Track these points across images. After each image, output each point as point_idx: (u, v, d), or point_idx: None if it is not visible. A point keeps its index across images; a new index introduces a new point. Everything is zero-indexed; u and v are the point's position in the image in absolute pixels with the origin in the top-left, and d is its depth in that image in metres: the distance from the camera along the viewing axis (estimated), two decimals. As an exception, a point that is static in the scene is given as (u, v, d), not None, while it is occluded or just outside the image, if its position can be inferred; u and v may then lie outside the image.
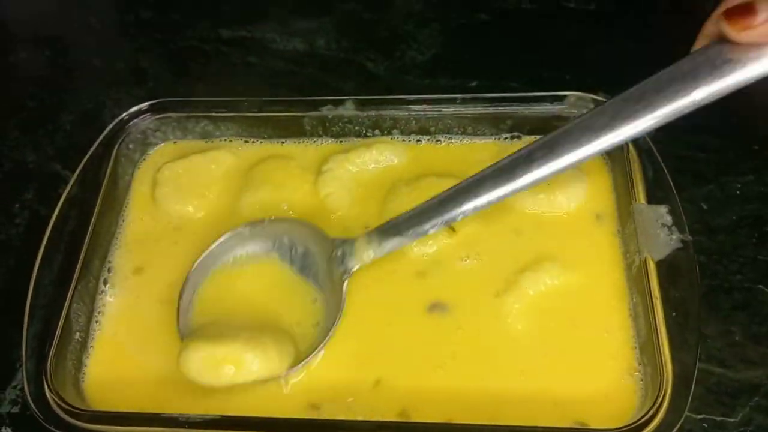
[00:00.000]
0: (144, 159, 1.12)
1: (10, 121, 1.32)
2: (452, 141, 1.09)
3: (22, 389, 0.98)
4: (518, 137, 1.08)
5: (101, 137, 1.07)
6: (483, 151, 1.07)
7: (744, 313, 0.98)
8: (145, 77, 1.36)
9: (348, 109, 1.07)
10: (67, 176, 1.22)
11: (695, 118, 1.17)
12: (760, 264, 1.02)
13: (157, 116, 1.10)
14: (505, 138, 1.09)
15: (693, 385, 0.79)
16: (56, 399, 0.84)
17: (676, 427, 0.77)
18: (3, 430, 0.95)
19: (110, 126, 1.08)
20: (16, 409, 0.97)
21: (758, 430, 0.89)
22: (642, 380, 0.85)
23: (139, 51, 1.41)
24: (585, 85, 1.19)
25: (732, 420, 0.90)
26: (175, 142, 1.13)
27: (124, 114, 1.09)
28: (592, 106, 1.03)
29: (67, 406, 0.83)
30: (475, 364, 0.89)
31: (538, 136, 1.03)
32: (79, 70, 1.41)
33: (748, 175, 1.12)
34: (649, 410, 0.78)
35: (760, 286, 1.00)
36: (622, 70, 1.26)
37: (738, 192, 1.10)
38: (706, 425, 0.89)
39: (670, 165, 1.00)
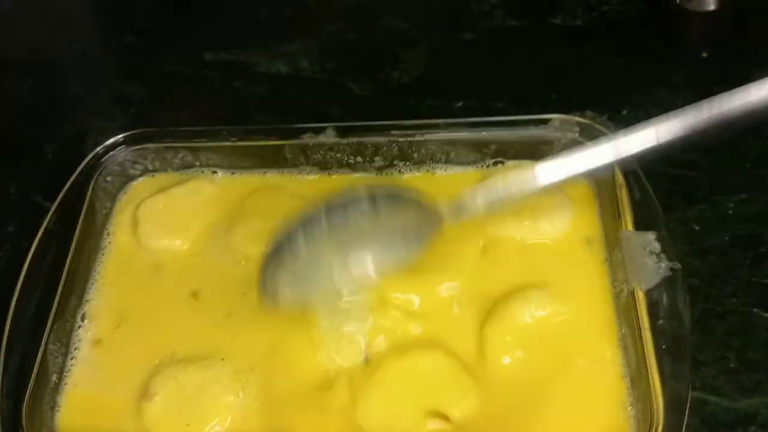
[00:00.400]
0: (124, 192, 1.11)
1: (-10, 151, 1.31)
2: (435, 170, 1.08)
3: (-2, 430, 0.96)
4: (501, 162, 1.06)
5: (78, 170, 1.06)
6: (465, 179, 1.05)
7: (738, 338, 0.96)
8: (129, 104, 1.35)
9: (329, 137, 1.05)
10: (48, 208, 1.19)
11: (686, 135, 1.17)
12: (755, 286, 1.00)
13: (134, 147, 1.08)
14: (488, 165, 1.07)
15: (685, 421, 0.77)
16: (32, 445, 0.82)
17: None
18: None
19: (87, 159, 1.07)
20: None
21: (754, 461, 0.86)
22: (634, 417, 0.83)
23: (121, 77, 1.40)
24: (571, 104, 1.18)
25: (728, 451, 0.87)
26: (153, 175, 1.11)
27: (99, 147, 1.08)
28: (577, 129, 1.00)
29: (42, 454, 0.81)
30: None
31: (522, 161, 1.03)
32: (63, 98, 1.39)
33: (741, 194, 1.10)
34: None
35: (755, 310, 0.98)
36: (609, 88, 1.25)
37: (731, 212, 1.08)
38: (702, 457, 0.87)
39: (660, 185, 0.99)
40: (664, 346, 0.82)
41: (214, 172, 1.11)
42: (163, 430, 0.86)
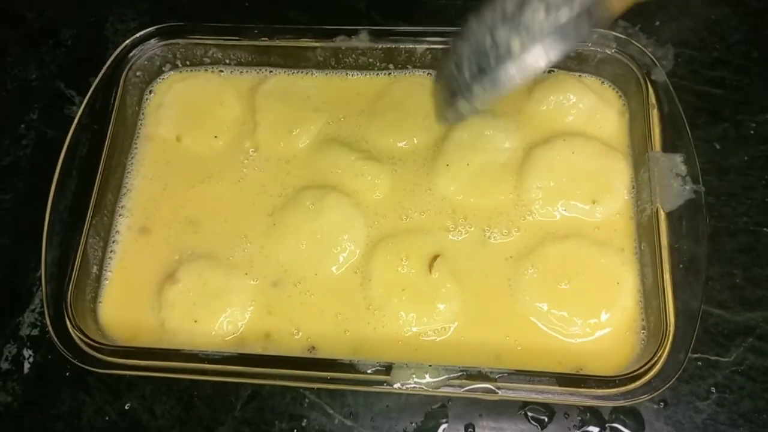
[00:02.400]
0: (152, 86, 1.10)
1: (8, 34, 1.28)
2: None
3: (40, 312, 1.01)
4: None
5: (107, 64, 1.05)
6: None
7: (747, 255, 1.00)
8: (149, -12, 1.30)
9: (362, 41, 1.04)
10: (71, 95, 1.20)
11: (715, 50, 1.17)
12: (767, 206, 1.03)
13: (163, 42, 1.06)
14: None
15: (695, 335, 0.82)
16: (78, 334, 0.87)
17: (679, 372, 0.81)
18: (24, 351, 0.99)
19: (116, 52, 1.06)
20: (35, 332, 1.01)
21: (750, 369, 0.93)
22: (644, 329, 0.88)
23: (140, -40, 1.33)
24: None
25: (725, 360, 0.94)
26: (181, 71, 1.11)
27: (127, 41, 1.06)
28: (614, 45, 1.00)
29: (89, 341, 0.86)
30: (479, 307, 0.92)
31: (556, 71, 1.02)
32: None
33: (765, 114, 1.10)
34: (652, 358, 0.82)
35: (765, 229, 1.02)
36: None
37: (752, 132, 1.09)
38: (700, 363, 0.93)
39: (686, 101, 1.00)
40: (681, 266, 0.86)
41: (242, 71, 1.10)
42: (174, 316, 0.92)
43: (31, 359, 0.99)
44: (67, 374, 0.97)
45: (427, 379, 0.82)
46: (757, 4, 1.20)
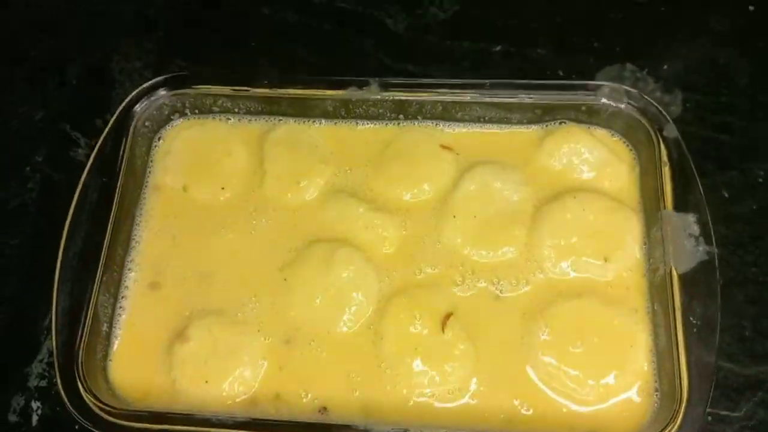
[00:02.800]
0: (161, 136, 1.09)
1: (12, 70, 1.27)
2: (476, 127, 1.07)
3: (48, 363, 1.01)
4: (547, 124, 1.06)
5: (116, 114, 1.04)
6: (508, 138, 1.06)
7: (755, 306, 1.01)
8: (155, 26, 1.29)
9: (373, 92, 1.03)
10: (77, 137, 1.19)
11: (721, 95, 1.17)
12: (776, 257, 1.03)
13: (174, 92, 1.06)
14: (533, 125, 1.07)
15: (708, 404, 0.83)
16: (90, 398, 0.86)
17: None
18: (32, 404, 0.99)
19: (124, 102, 1.05)
20: (44, 383, 1.00)
21: (760, 425, 0.94)
22: (658, 391, 0.89)
23: (145, -3, 1.33)
24: (613, 54, 1.16)
25: (736, 414, 0.94)
26: (189, 118, 1.10)
27: (136, 90, 1.05)
28: (625, 99, 1.00)
29: (101, 404, 0.86)
30: (492, 368, 0.92)
31: (567, 123, 1.03)
32: (83, 16, 1.33)
33: (773, 162, 1.11)
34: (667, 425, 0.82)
35: (774, 280, 1.02)
36: (651, 38, 1.22)
37: (760, 180, 1.09)
38: (710, 419, 0.94)
39: (693, 148, 1.00)
40: (695, 330, 0.86)
41: (250, 120, 1.09)
42: (185, 376, 0.92)
43: (39, 411, 0.98)
44: (76, 427, 0.96)
45: (442, 445, 0.82)
46: (764, 45, 1.21)
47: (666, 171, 0.95)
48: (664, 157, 0.95)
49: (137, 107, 1.04)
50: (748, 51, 1.21)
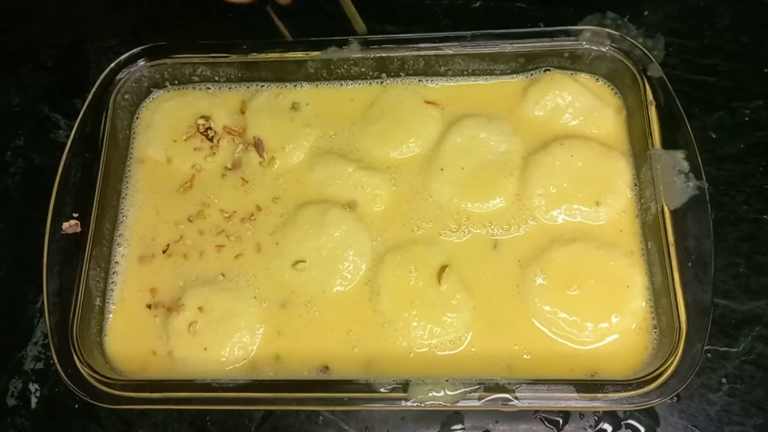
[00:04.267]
0: (142, 108, 1.08)
1: (-14, 57, 1.25)
2: (460, 81, 1.06)
3: (44, 345, 1.00)
4: (531, 73, 1.05)
5: (95, 87, 1.02)
6: (492, 90, 1.05)
7: (749, 244, 1.01)
8: (126, 6, 1.27)
9: (353, 50, 1.02)
10: (57, 119, 1.18)
11: (705, 38, 1.16)
12: (766, 194, 1.04)
13: (152, 62, 1.04)
14: (516, 75, 1.06)
15: (707, 337, 0.83)
16: (87, 370, 0.85)
17: (694, 372, 0.81)
18: (30, 386, 0.98)
19: (102, 75, 1.03)
20: (40, 365, 0.99)
21: (759, 359, 0.94)
22: (656, 328, 0.89)
23: (117, -25, 1.30)
24: (594, 4, 1.15)
25: (735, 350, 0.95)
26: (169, 90, 1.08)
27: (113, 62, 1.04)
28: (608, 42, 0.99)
29: (99, 376, 0.85)
30: (490, 316, 0.92)
31: (551, 70, 1.02)
32: (54, 1, 1.30)
33: (758, 100, 1.10)
34: (668, 357, 0.82)
35: (765, 217, 1.02)
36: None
37: (747, 119, 1.09)
38: (710, 355, 0.94)
39: (680, 91, 0.99)
40: (689, 263, 0.86)
41: (230, 87, 1.08)
42: (182, 345, 0.91)
43: (38, 393, 0.97)
44: (77, 406, 0.96)
45: (445, 393, 0.81)
46: (742, -15, 1.20)
47: (652, 110, 0.95)
48: (650, 97, 0.95)
49: (116, 79, 1.02)
50: (728, -7, 1.20)
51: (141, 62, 1.03)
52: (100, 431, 0.95)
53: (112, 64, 1.03)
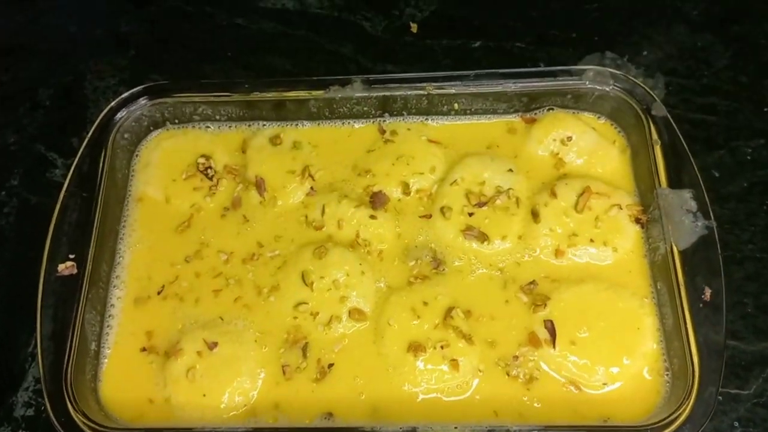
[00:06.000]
0: (141, 147, 1.06)
1: (-18, 96, 1.24)
2: (463, 120, 1.06)
3: (35, 391, 0.97)
4: (534, 113, 1.05)
5: (94, 126, 1.01)
6: (495, 129, 1.05)
7: (756, 283, 1.00)
8: (126, 44, 1.27)
9: (356, 90, 1.02)
10: (53, 158, 1.16)
11: (704, 77, 1.17)
12: (771, 232, 1.03)
13: (152, 102, 1.03)
14: (520, 114, 1.06)
15: (720, 379, 0.81)
16: (81, 418, 0.82)
17: (709, 417, 0.79)
18: (19, 434, 0.94)
19: (102, 114, 1.02)
20: (31, 412, 0.96)
21: (771, 401, 0.92)
22: (668, 371, 0.87)
23: (117, 15, 1.30)
24: (592, 43, 1.16)
25: (746, 392, 0.93)
26: (168, 129, 1.07)
27: (113, 101, 1.03)
28: (611, 81, 0.99)
29: (94, 425, 0.82)
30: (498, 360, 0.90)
31: (555, 110, 1.01)
32: (55, 38, 1.30)
33: (759, 138, 1.11)
34: (681, 402, 0.80)
35: (772, 256, 1.01)
36: (629, 26, 1.23)
37: (749, 157, 1.09)
38: (721, 398, 0.92)
39: (681, 129, 0.99)
40: (700, 304, 0.84)
41: (231, 126, 1.07)
42: (180, 391, 0.88)
43: (27, 442, 0.94)
44: (68, 457, 0.92)
45: (454, 441, 0.79)
46: (739, 29, 1.22)
47: (657, 149, 0.94)
48: (655, 136, 0.95)
49: (116, 118, 1.01)
50: (724, 35, 1.22)
51: (142, 101, 1.02)
52: (92, 483, 0.90)
53: (113, 103, 1.02)
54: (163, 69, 1.23)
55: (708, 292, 0.85)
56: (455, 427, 0.79)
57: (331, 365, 0.89)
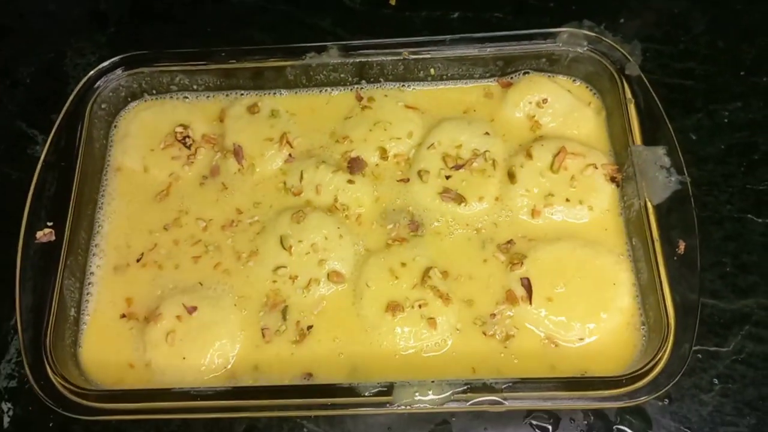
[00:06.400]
0: (119, 118, 1.06)
1: (-37, 75, 1.24)
2: (439, 85, 1.06)
3: (17, 362, 0.96)
4: (510, 77, 1.05)
5: (71, 97, 1.01)
6: (471, 93, 1.05)
7: (734, 243, 1.00)
8: (106, 21, 1.27)
9: (333, 56, 1.02)
10: (34, 134, 1.16)
11: (681, 42, 1.18)
12: (748, 193, 1.04)
13: (129, 72, 1.03)
14: (496, 78, 1.06)
15: (696, 326, 0.81)
16: (60, 381, 0.82)
17: (684, 367, 0.79)
18: (2, 405, 0.94)
19: (79, 85, 1.02)
20: (13, 383, 0.96)
21: (750, 358, 0.92)
22: (644, 324, 0.87)
23: (96, -8, 1.30)
24: (570, 13, 1.16)
25: (725, 349, 0.93)
26: (146, 100, 1.08)
27: (91, 72, 1.03)
28: (585, 43, 0.99)
29: (73, 387, 0.82)
30: (475, 317, 0.90)
31: (530, 73, 1.02)
32: (34, 17, 1.30)
33: (737, 101, 1.11)
34: (657, 353, 0.80)
35: (750, 216, 1.02)
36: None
37: (726, 120, 1.10)
38: (700, 356, 0.92)
39: (658, 94, 0.99)
40: (675, 257, 0.85)
41: (209, 96, 1.07)
42: (160, 355, 0.88)
43: (10, 413, 0.94)
44: (51, 425, 0.92)
45: (431, 396, 0.79)
46: (717, -7, 1.22)
47: (632, 108, 0.95)
48: (629, 95, 0.95)
49: (94, 87, 1.02)
50: (701, 1, 1.22)
51: (118, 71, 1.02)
52: (75, 451, 0.91)
53: (91, 72, 1.02)
54: (143, 45, 1.21)
55: (682, 245, 0.86)
56: (432, 381, 0.79)
57: (310, 327, 0.89)
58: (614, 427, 0.89)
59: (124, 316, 0.91)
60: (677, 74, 1.14)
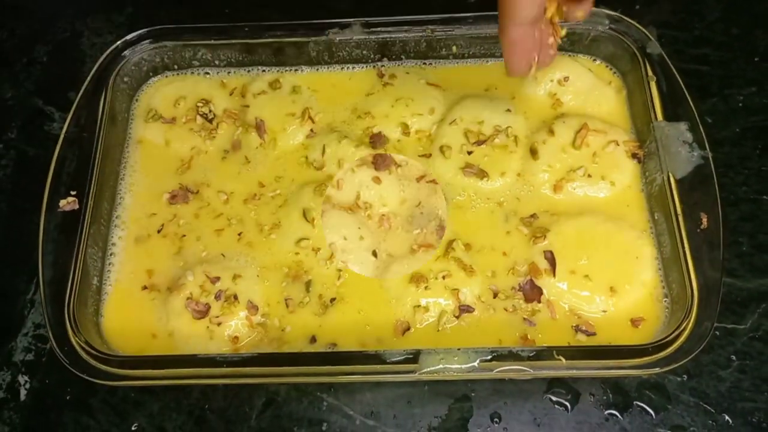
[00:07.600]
0: (141, 92, 1.06)
1: (-20, 53, 1.24)
2: (461, 63, 1.07)
3: (35, 336, 0.96)
4: (532, 56, 1.05)
5: (93, 70, 1.01)
6: (493, 71, 1.05)
7: (751, 223, 1.01)
8: (123, 2, 1.27)
9: (356, 32, 1.02)
10: (51, 112, 1.16)
11: (696, 29, 1.19)
12: (764, 175, 1.05)
13: (154, 45, 1.03)
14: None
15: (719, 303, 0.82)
16: (84, 345, 0.82)
17: (706, 340, 0.80)
18: (20, 378, 0.94)
19: (102, 57, 1.02)
20: (30, 357, 0.95)
21: (767, 335, 0.93)
22: (667, 297, 0.88)
23: (113, -28, 1.30)
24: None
25: (742, 327, 0.94)
26: (167, 75, 1.08)
27: (115, 44, 1.03)
28: (607, 22, 1.00)
29: (95, 352, 0.82)
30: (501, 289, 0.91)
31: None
32: (49, -2, 1.30)
33: (751, 86, 1.12)
34: (681, 323, 0.81)
35: (765, 197, 1.03)
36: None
37: (741, 104, 1.11)
38: (717, 333, 0.93)
39: (674, 79, 1.01)
40: (698, 231, 0.86)
41: (230, 72, 1.07)
42: (183, 325, 0.88)
43: (27, 386, 0.93)
44: (68, 398, 0.92)
45: (457, 363, 0.79)
46: (733, -15, 1.23)
47: (653, 86, 0.96)
48: (650, 72, 0.96)
49: (119, 58, 1.02)
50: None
51: (145, 43, 1.03)
52: (93, 423, 0.90)
53: (118, 43, 1.03)
54: (161, 24, 1.22)
55: (705, 218, 0.87)
56: (458, 349, 0.79)
57: (333, 299, 0.89)
58: (634, 403, 0.89)
59: (146, 287, 0.91)
60: (693, 60, 1.15)
